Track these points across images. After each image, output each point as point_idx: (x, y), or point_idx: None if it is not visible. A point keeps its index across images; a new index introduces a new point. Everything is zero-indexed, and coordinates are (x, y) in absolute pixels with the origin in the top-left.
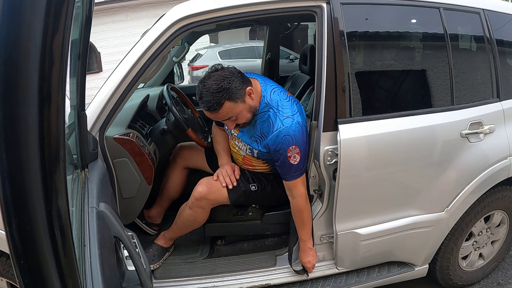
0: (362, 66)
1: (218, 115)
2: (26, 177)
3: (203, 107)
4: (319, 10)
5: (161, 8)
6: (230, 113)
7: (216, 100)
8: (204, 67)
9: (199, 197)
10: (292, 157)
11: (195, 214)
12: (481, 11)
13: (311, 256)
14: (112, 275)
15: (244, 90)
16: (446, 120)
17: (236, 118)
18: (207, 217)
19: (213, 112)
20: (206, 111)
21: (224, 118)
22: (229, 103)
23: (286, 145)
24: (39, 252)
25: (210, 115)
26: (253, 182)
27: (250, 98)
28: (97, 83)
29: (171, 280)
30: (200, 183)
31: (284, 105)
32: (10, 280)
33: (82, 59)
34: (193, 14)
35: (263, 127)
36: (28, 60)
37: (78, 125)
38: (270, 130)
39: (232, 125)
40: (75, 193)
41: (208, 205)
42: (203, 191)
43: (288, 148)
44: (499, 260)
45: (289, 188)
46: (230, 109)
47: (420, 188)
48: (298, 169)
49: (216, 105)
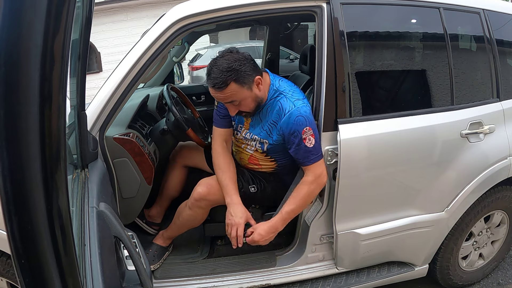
0: (362, 66)
1: (221, 95)
2: (26, 177)
3: (209, 83)
4: (319, 10)
5: (161, 8)
6: (234, 97)
7: (223, 79)
8: (204, 67)
9: (199, 198)
10: (307, 140)
11: (194, 215)
12: (481, 11)
13: (269, 236)
14: (112, 275)
15: (253, 77)
16: (446, 120)
17: (239, 104)
18: (206, 217)
19: (217, 91)
20: (211, 88)
21: (226, 100)
22: (235, 85)
23: (300, 126)
24: (40, 251)
25: (214, 93)
26: (253, 184)
27: (258, 88)
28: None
29: (171, 280)
30: (199, 184)
31: (293, 90)
32: (10, 280)
33: (82, 59)
34: (193, 14)
35: (274, 114)
36: (29, 60)
37: (78, 125)
38: (281, 113)
39: (233, 110)
40: (75, 193)
41: (208, 206)
42: (202, 192)
43: (302, 130)
44: (499, 260)
45: (307, 172)
46: (235, 91)
47: (420, 188)
48: (316, 151)
49: (222, 84)
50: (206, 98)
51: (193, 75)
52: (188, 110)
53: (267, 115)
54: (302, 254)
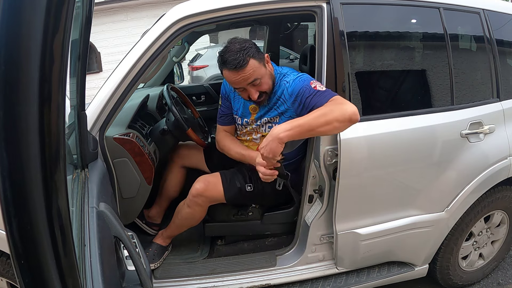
0: (362, 66)
1: (244, 74)
2: (26, 177)
3: (229, 67)
4: (319, 10)
5: (161, 8)
6: (255, 74)
7: (242, 57)
8: (204, 67)
9: (196, 194)
10: (318, 86)
11: (193, 212)
12: (481, 11)
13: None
14: (112, 275)
15: (262, 55)
16: (446, 120)
17: (260, 83)
18: (205, 214)
19: (239, 71)
20: (232, 71)
21: (250, 78)
22: (253, 61)
23: (306, 81)
24: (39, 251)
25: (236, 76)
26: (250, 183)
27: (269, 65)
28: (97, 83)
29: (171, 280)
30: (197, 181)
31: (293, 71)
32: (10, 280)
33: (82, 59)
34: (193, 14)
35: (279, 91)
36: (29, 59)
37: (78, 125)
38: (287, 85)
39: (255, 92)
40: (75, 193)
41: (206, 202)
42: (200, 188)
43: (309, 82)
44: (499, 260)
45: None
46: (256, 67)
47: (420, 188)
48: (330, 92)
49: (243, 62)
50: (206, 98)
51: (193, 75)
52: (188, 110)
53: (275, 97)
54: (302, 254)
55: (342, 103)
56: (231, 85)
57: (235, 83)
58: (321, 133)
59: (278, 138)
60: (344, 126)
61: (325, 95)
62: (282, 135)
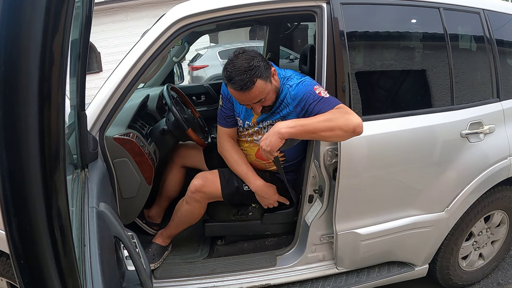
0: (362, 66)
1: (249, 96)
2: (26, 177)
3: (234, 87)
4: (319, 10)
5: (161, 8)
6: (261, 94)
7: (249, 78)
8: (204, 67)
9: (195, 190)
10: (322, 93)
11: (192, 209)
12: (481, 11)
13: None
14: (112, 275)
15: (270, 70)
16: (446, 120)
17: (264, 100)
18: (203, 212)
19: (245, 91)
20: (238, 91)
21: (255, 99)
22: (260, 81)
23: (310, 87)
24: (39, 252)
25: (241, 96)
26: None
27: (274, 79)
28: (97, 83)
29: (171, 280)
30: (196, 177)
31: (297, 74)
32: (10, 280)
33: (82, 59)
34: (193, 14)
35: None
36: (28, 59)
37: (78, 125)
38: (290, 90)
39: (258, 108)
40: (75, 193)
41: (204, 199)
42: (198, 184)
43: (313, 87)
44: (499, 260)
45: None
46: (262, 88)
47: (420, 188)
48: (334, 99)
49: (250, 83)
50: (206, 98)
51: (193, 75)
52: (188, 110)
53: (277, 100)
54: (302, 254)
55: (348, 113)
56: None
57: (240, 101)
58: (322, 137)
59: (280, 133)
60: (346, 136)
61: (329, 102)
62: (283, 130)
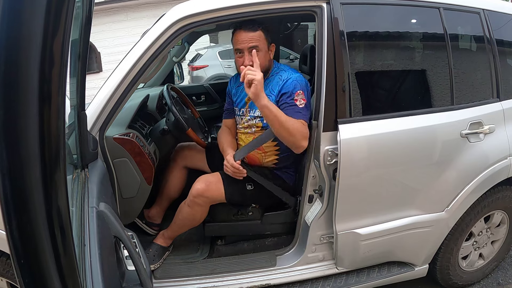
0: (362, 66)
1: (250, 37)
2: (26, 177)
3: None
4: (319, 10)
5: (161, 8)
6: (258, 43)
7: (256, 25)
8: (204, 67)
9: (197, 194)
10: (298, 100)
11: (193, 212)
12: (481, 11)
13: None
14: (112, 275)
15: (270, 41)
16: (446, 120)
17: (257, 52)
18: (206, 215)
19: (249, 31)
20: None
21: (251, 42)
22: (262, 33)
23: (294, 89)
24: (39, 251)
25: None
26: (249, 181)
27: (271, 53)
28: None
29: (171, 280)
30: (198, 180)
31: (292, 71)
32: (10, 280)
33: (82, 59)
34: (193, 14)
35: (274, 85)
36: (29, 60)
37: (78, 125)
38: (280, 82)
39: (249, 60)
40: (75, 193)
41: (206, 203)
42: (200, 188)
43: (296, 92)
44: (499, 260)
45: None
46: (261, 39)
47: (420, 188)
48: (304, 112)
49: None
50: (206, 98)
51: (193, 75)
52: (188, 110)
53: (266, 89)
54: (302, 254)
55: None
56: (234, 46)
57: (239, 42)
58: (278, 131)
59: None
60: (290, 146)
61: (297, 113)
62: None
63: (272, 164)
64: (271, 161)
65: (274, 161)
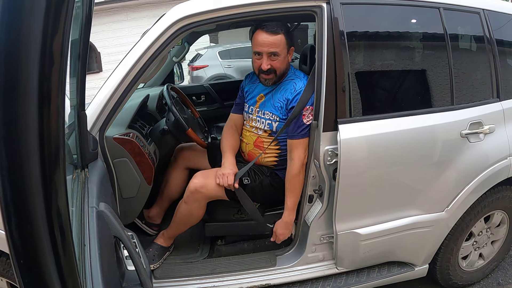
0: (362, 66)
1: (271, 41)
2: (26, 177)
3: (265, 29)
4: (319, 10)
5: (161, 8)
6: (278, 48)
7: (279, 28)
8: (204, 67)
9: (194, 190)
10: (306, 116)
11: (191, 209)
12: (481, 11)
13: (288, 230)
14: (112, 275)
15: (291, 45)
16: (446, 120)
17: (276, 59)
18: (203, 212)
19: (270, 34)
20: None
21: (272, 46)
22: (283, 37)
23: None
24: (39, 251)
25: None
26: (247, 176)
27: (289, 56)
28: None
29: (171, 280)
30: (195, 176)
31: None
32: (10, 280)
33: (82, 59)
34: (193, 14)
35: (287, 92)
36: (28, 59)
37: (78, 125)
38: (293, 91)
39: (267, 63)
40: (75, 193)
41: (203, 199)
42: (198, 182)
43: (305, 107)
44: (499, 260)
45: (292, 148)
46: (282, 44)
47: (420, 188)
48: (307, 129)
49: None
50: (206, 98)
51: (193, 75)
52: (188, 110)
53: (279, 93)
54: (302, 254)
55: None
56: (253, 47)
57: (260, 45)
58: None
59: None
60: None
61: (299, 132)
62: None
63: (270, 164)
64: (270, 162)
65: (273, 162)
